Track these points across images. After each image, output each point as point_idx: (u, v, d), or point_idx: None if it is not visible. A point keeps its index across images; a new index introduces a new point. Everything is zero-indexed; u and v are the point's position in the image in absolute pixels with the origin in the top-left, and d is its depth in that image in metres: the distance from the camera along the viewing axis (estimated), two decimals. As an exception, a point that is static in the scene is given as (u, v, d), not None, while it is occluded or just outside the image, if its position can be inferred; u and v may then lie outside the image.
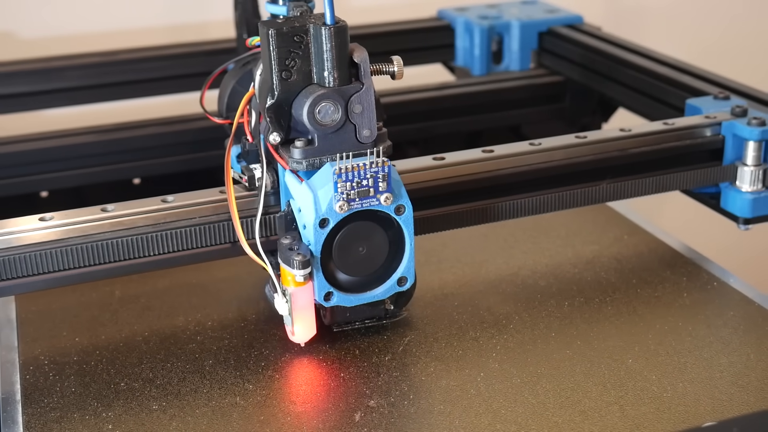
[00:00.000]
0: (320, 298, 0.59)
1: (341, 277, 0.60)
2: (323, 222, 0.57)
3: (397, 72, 0.60)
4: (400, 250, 0.60)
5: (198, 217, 0.61)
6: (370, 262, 0.60)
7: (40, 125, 0.87)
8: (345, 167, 0.56)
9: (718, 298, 0.68)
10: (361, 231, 0.59)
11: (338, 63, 0.57)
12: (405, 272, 0.61)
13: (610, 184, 0.70)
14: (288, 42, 0.57)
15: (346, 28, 0.57)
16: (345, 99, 0.57)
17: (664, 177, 0.71)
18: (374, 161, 0.57)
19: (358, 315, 0.63)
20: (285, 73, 0.57)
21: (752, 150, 0.71)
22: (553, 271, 0.71)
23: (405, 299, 0.64)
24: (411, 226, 0.59)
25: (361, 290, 0.61)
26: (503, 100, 0.95)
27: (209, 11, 1.12)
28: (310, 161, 0.58)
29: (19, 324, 0.66)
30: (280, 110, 0.58)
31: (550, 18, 1.00)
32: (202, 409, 0.57)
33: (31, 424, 0.56)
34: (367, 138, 0.59)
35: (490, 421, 0.55)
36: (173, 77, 0.94)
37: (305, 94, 0.57)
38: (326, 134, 0.58)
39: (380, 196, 0.58)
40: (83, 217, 0.60)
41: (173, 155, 0.86)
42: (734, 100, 0.77)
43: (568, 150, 0.69)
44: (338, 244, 0.58)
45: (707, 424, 0.55)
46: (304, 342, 0.61)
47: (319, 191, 0.57)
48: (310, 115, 0.57)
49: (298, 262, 0.57)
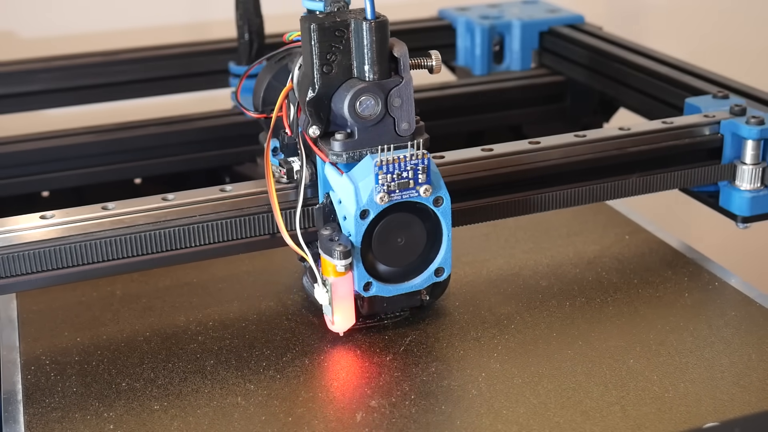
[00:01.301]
0: (360, 288, 0.60)
1: (380, 268, 0.61)
2: (364, 213, 0.58)
3: (435, 66, 0.61)
4: (437, 241, 0.61)
5: (198, 215, 0.61)
6: (409, 252, 0.61)
7: (41, 125, 0.87)
8: (386, 159, 0.57)
9: (720, 298, 0.68)
10: (400, 222, 0.60)
11: (378, 57, 0.58)
12: (442, 263, 0.61)
13: (609, 183, 0.70)
14: (329, 36, 0.57)
15: (386, 22, 0.58)
16: (385, 92, 0.58)
17: (663, 176, 0.71)
18: (414, 153, 0.58)
19: (394, 305, 0.63)
20: (326, 67, 0.58)
21: (751, 149, 0.71)
22: (554, 271, 0.71)
23: (440, 290, 0.64)
24: (449, 218, 0.60)
25: (400, 280, 0.61)
26: (504, 100, 0.95)
27: (210, 11, 1.12)
28: (350, 154, 0.59)
29: (21, 324, 0.66)
30: (320, 104, 0.59)
31: (551, 18, 1.00)
32: (204, 409, 0.57)
33: (33, 424, 0.56)
34: (405, 131, 0.59)
35: (492, 421, 0.55)
36: (173, 77, 0.94)
37: (346, 88, 0.58)
38: (366, 127, 0.58)
39: (420, 188, 0.58)
40: (84, 215, 0.60)
41: (174, 155, 0.85)
42: (733, 99, 0.77)
43: (567, 149, 0.69)
44: (377, 235, 0.59)
45: (709, 425, 0.55)
46: (343, 331, 0.62)
47: (360, 183, 0.58)
48: (351, 109, 0.58)
49: (339, 253, 0.58)
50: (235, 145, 0.86)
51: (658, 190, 0.72)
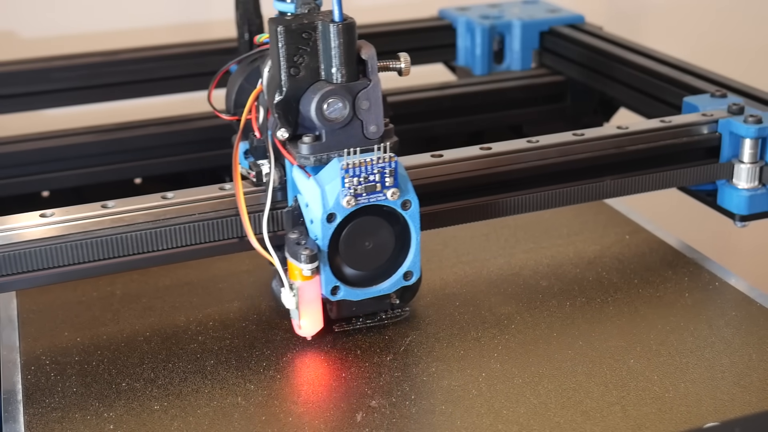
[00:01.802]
0: (327, 292, 0.60)
1: (348, 272, 0.60)
2: (330, 217, 0.58)
3: (404, 69, 0.61)
4: (406, 245, 0.61)
5: (197, 214, 0.61)
6: (377, 256, 0.60)
7: (41, 125, 0.87)
8: (352, 162, 0.57)
9: (720, 298, 0.68)
10: (368, 226, 0.59)
11: (346, 60, 0.57)
12: (411, 266, 0.61)
13: (609, 182, 0.70)
14: (296, 39, 0.57)
15: (353, 25, 0.57)
16: (352, 95, 0.58)
17: (661, 174, 0.71)
18: (381, 156, 0.57)
19: (363, 309, 0.63)
20: (293, 69, 0.58)
21: (749, 147, 0.71)
22: (554, 271, 0.71)
23: (410, 294, 0.64)
24: (417, 221, 0.60)
25: (368, 284, 0.61)
26: (504, 100, 0.95)
27: (210, 11, 1.12)
28: (318, 157, 0.58)
29: (21, 324, 0.66)
30: (288, 106, 0.58)
31: (552, 17, 1.00)
32: (204, 409, 0.57)
33: (33, 424, 0.56)
34: (374, 134, 0.59)
35: (492, 421, 0.55)
36: (174, 77, 0.94)
37: (313, 91, 0.58)
38: (333, 130, 0.58)
39: (387, 191, 0.58)
40: (84, 214, 0.60)
41: (174, 155, 0.85)
42: (731, 97, 0.77)
43: (565, 147, 0.69)
44: (345, 239, 0.59)
45: (709, 425, 0.55)
46: (310, 336, 0.62)
47: (326, 186, 0.58)
48: (318, 111, 0.57)
49: (305, 257, 0.57)
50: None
51: (656, 188, 0.72)
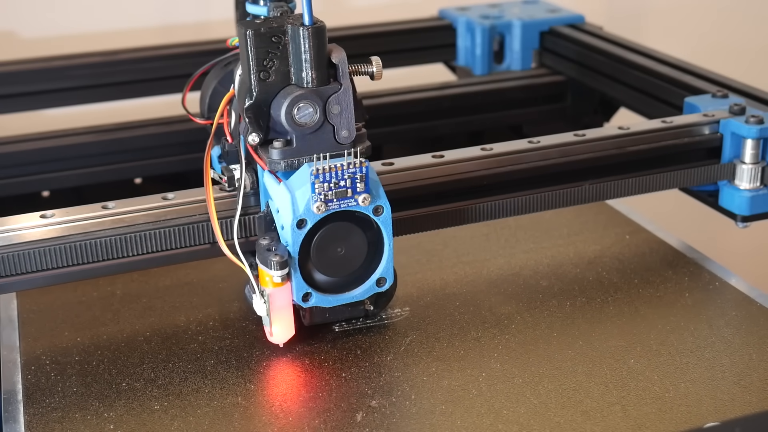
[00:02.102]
0: (298, 298, 0.59)
1: (319, 278, 0.60)
2: (301, 223, 0.57)
3: (375, 73, 0.60)
4: (378, 251, 0.60)
5: (198, 215, 0.61)
6: (349, 262, 0.60)
7: (41, 125, 0.87)
8: (322, 168, 0.56)
9: (720, 298, 0.68)
10: (340, 232, 0.59)
11: (316, 64, 0.57)
12: (384, 273, 0.60)
13: (610, 182, 0.70)
14: (266, 42, 0.57)
15: (323, 28, 0.57)
16: (323, 99, 0.57)
17: (662, 175, 0.71)
18: (352, 162, 0.57)
19: (337, 315, 0.63)
20: (263, 73, 0.57)
21: (750, 148, 0.71)
22: (554, 270, 0.71)
23: (385, 300, 0.64)
24: (389, 227, 0.59)
25: (340, 291, 0.60)
26: (504, 100, 0.95)
27: (210, 11, 1.12)
28: (289, 162, 0.58)
29: (21, 324, 0.66)
30: (258, 111, 0.58)
31: (552, 17, 1.00)
32: (204, 409, 0.57)
33: (33, 423, 0.56)
34: (345, 138, 0.58)
35: (492, 421, 0.55)
36: (174, 77, 0.94)
37: (283, 95, 0.57)
38: (304, 135, 0.58)
39: (358, 197, 0.57)
40: (84, 215, 0.60)
41: (174, 155, 0.85)
42: (732, 98, 0.77)
43: (566, 148, 0.69)
44: (316, 245, 0.58)
45: (709, 425, 0.55)
46: (282, 343, 0.61)
47: (296, 192, 0.57)
48: (288, 116, 0.57)
49: (275, 263, 0.57)
50: (236, 145, 0.86)
51: (658, 189, 0.72)
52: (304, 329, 0.64)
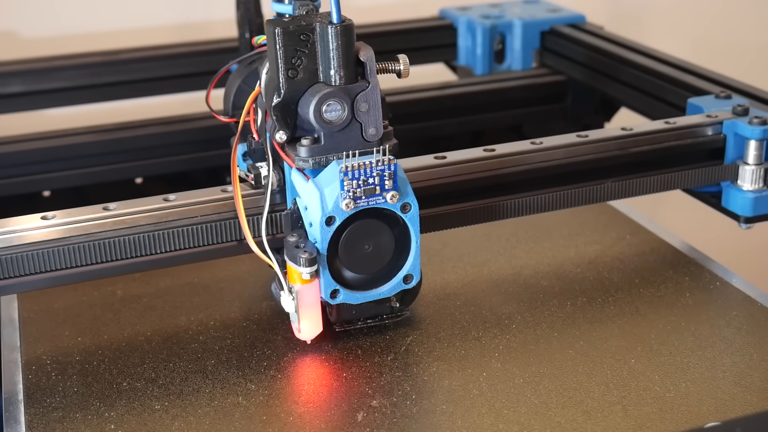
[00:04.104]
0: (326, 295, 0.59)
1: (347, 275, 0.60)
2: (329, 220, 0.57)
3: (402, 70, 0.60)
4: (405, 248, 0.60)
5: (199, 216, 0.61)
6: (376, 259, 0.60)
7: (42, 125, 0.87)
8: (351, 165, 0.57)
9: (721, 298, 0.68)
10: (367, 229, 0.59)
11: (344, 61, 0.57)
12: (411, 270, 0.61)
13: (613, 183, 0.70)
14: (294, 41, 0.57)
15: (352, 26, 0.57)
16: (351, 97, 0.58)
17: (665, 176, 0.71)
18: (380, 159, 0.57)
19: (363, 312, 0.63)
20: (291, 71, 0.58)
21: (753, 149, 0.71)
22: (555, 270, 0.71)
23: (410, 297, 0.64)
24: (417, 224, 0.59)
25: (367, 288, 0.61)
26: (505, 100, 0.95)
27: (211, 10, 1.12)
28: (317, 159, 0.58)
29: (22, 324, 0.66)
30: (286, 108, 0.58)
31: (553, 17, 1.00)
32: (205, 408, 0.57)
33: (34, 424, 0.56)
34: (373, 136, 0.59)
35: (493, 421, 0.55)
36: (174, 77, 0.94)
37: (311, 93, 0.58)
38: (332, 132, 0.58)
39: (386, 194, 0.58)
40: (85, 216, 0.60)
41: (174, 155, 0.86)
42: (735, 99, 0.77)
43: (569, 149, 0.69)
44: (344, 242, 0.59)
45: (710, 425, 0.55)
46: (310, 339, 0.62)
47: (325, 189, 0.57)
48: (317, 114, 0.57)
49: (304, 260, 0.57)
50: (236, 145, 0.86)
51: (661, 190, 0.71)
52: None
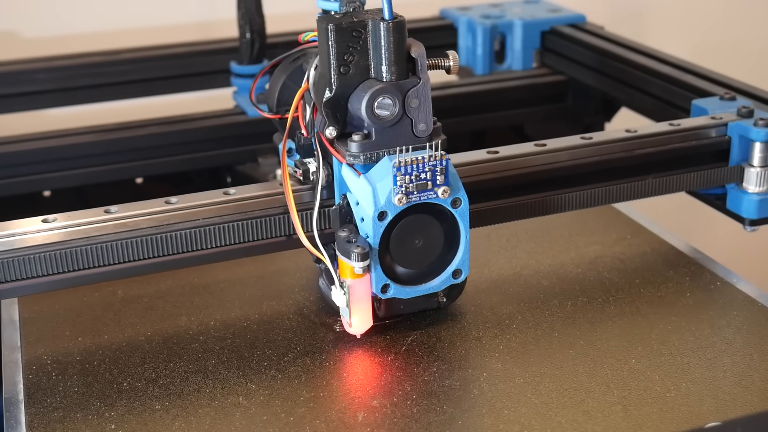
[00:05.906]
0: (377, 289, 0.60)
1: (398, 269, 0.60)
2: (382, 215, 0.58)
3: (452, 66, 0.61)
4: (455, 243, 0.61)
5: (201, 219, 0.61)
6: (426, 254, 0.60)
7: (41, 125, 0.87)
8: (404, 161, 0.57)
9: (722, 298, 0.68)
10: (418, 224, 0.59)
11: (396, 58, 0.58)
12: (460, 264, 0.61)
13: (618, 186, 0.69)
14: (346, 37, 0.57)
15: (404, 23, 0.57)
16: (402, 93, 0.58)
17: (670, 178, 0.71)
18: (432, 155, 0.57)
19: (411, 307, 0.63)
20: (343, 67, 0.58)
21: (759, 151, 0.71)
22: (555, 271, 0.71)
23: (457, 292, 0.64)
24: (467, 219, 0.60)
25: (417, 282, 0.61)
26: (506, 100, 0.95)
27: (212, 10, 1.12)
28: (368, 155, 0.59)
29: (22, 324, 0.66)
30: (336, 104, 0.59)
31: (553, 17, 1.00)
32: (205, 408, 0.57)
33: (34, 424, 0.56)
34: (423, 132, 0.59)
35: (493, 421, 0.55)
36: (175, 77, 0.95)
37: (363, 89, 0.58)
38: (383, 128, 0.58)
39: (438, 189, 0.58)
40: (86, 219, 0.60)
41: (175, 155, 0.86)
42: (740, 100, 0.76)
43: (573, 151, 0.69)
44: (395, 237, 0.59)
45: (711, 425, 0.55)
46: (360, 333, 0.62)
47: (378, 184, 0.58)
48: (369, 109, 0.58)
49: (357, 255, 0.57)
50: (237, 145, 0.86)
51: (666, 192, 0.71)
52: (305, 329, 0.64)
